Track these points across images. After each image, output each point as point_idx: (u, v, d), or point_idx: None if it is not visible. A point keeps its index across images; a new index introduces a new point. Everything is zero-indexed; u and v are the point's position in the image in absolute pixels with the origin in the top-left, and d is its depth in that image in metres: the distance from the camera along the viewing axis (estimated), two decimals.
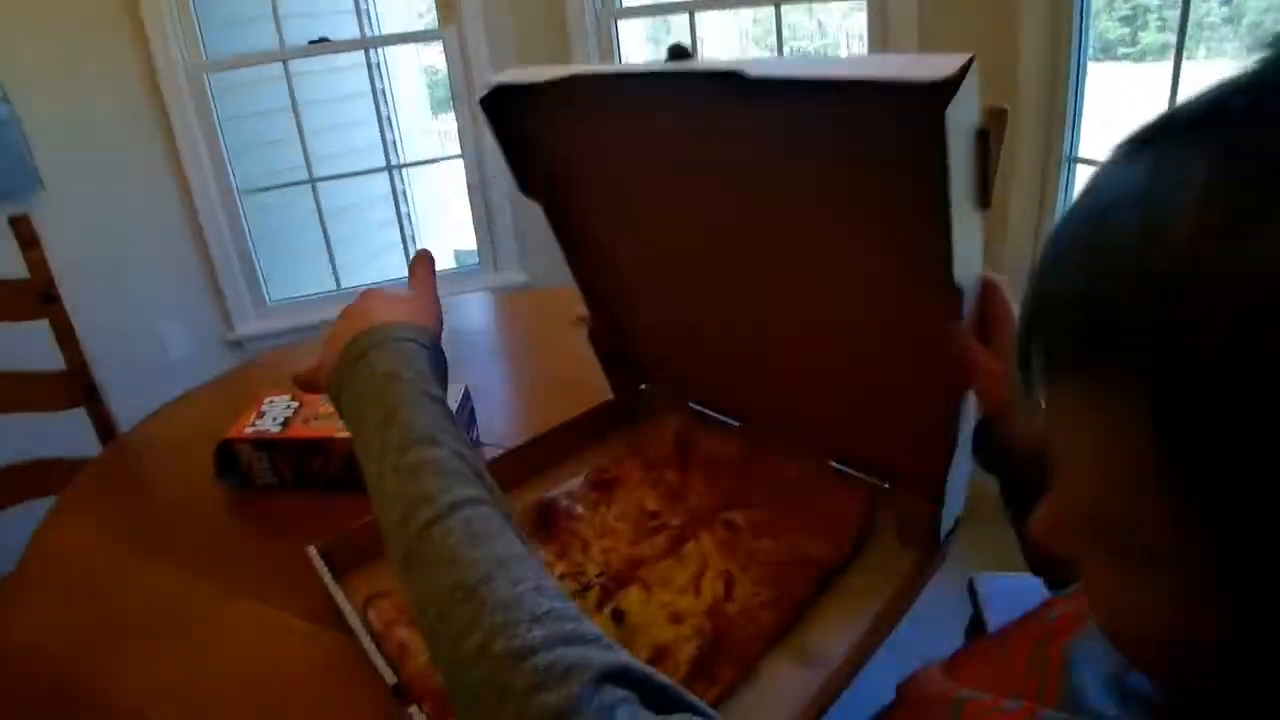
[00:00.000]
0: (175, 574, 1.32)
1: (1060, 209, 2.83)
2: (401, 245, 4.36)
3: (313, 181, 3.87)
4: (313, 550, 1.20)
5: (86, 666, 1.15)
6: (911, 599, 1.12)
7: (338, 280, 4.07)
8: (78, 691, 1.11)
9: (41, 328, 1.92)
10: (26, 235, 1.88)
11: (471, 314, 2.53)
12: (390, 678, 0.98)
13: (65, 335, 1.95)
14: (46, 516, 1.51)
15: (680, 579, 1.16)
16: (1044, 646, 0.67)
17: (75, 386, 1.96)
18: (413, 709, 0.94)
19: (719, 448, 1.42)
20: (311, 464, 1.46)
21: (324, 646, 1.15)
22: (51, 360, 1.95)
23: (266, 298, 3.84)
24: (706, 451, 1.41)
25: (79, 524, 1.49)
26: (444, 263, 4.13)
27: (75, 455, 1.87)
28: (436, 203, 6.17)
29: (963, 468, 1.10)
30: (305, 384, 0.93)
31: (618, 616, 1.10)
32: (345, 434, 0.87)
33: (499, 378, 2.03)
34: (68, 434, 1.96)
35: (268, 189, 3.93)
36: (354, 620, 1.08)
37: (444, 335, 0.94)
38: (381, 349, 0.81)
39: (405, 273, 1.03)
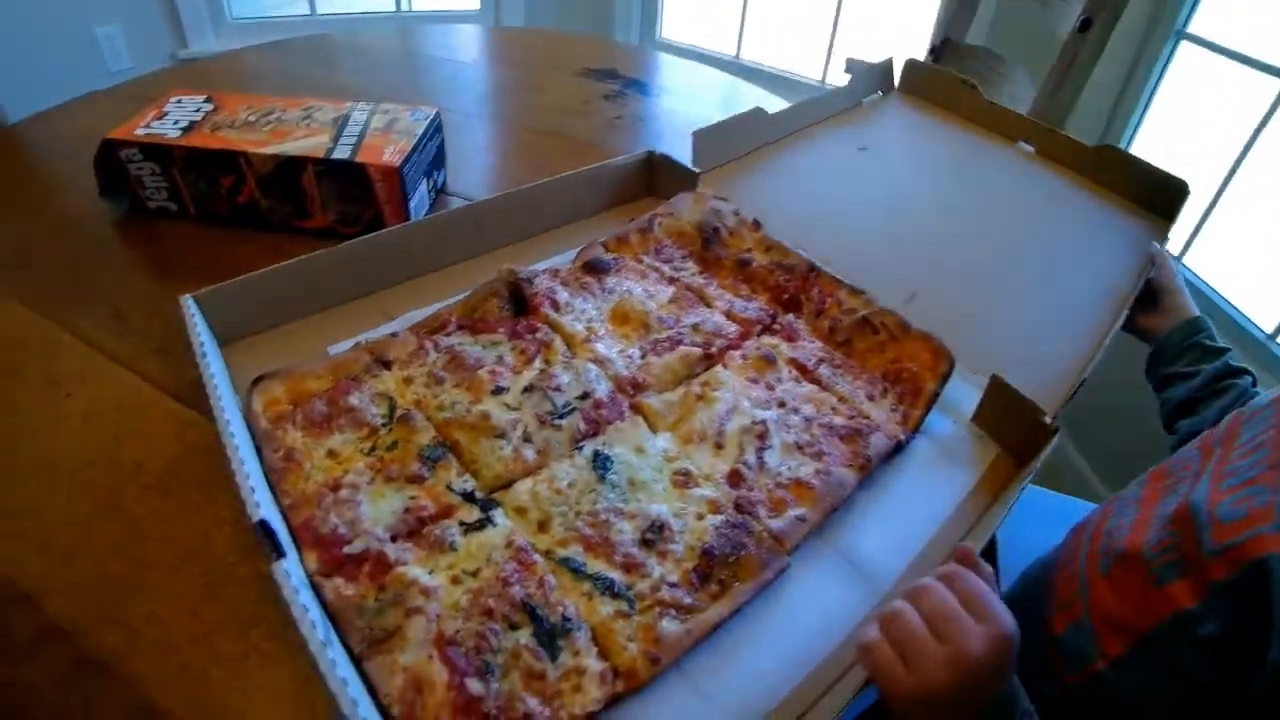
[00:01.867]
0: (24, 310, 0.98)
1: (1154, 86, 2.60)
2: None
3: None
4: (189, 301, 0.83)
5: None
6: (991, 520, 0.79)
7: (313, 3, 3.47)
8: None
9: None
10: None
11: (461, 44, 2.05)
12: (254, 510, 0.63)
13: None
14: None
15: (694, 421, 0.82)
16: None
17: None
18: (280, 564, 0.60)
19: (763, 250, 1.05)
20: (219, 185, 1.06)
21: (189, 440, 0.82)
22: None
23: (228, 12, 3.29)
24: (743, 249, 1.04)
25: None
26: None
27: None
28: None
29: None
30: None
31: (602, 463, 0.76)
32: (268, 149, 0.49)
33: (482, 119, 1.61)
34: None
35: None
36: (225, 408, 0.72)
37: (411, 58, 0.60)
38: None
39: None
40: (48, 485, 0.78)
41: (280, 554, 0.61)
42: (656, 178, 1.19)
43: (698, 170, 1.15)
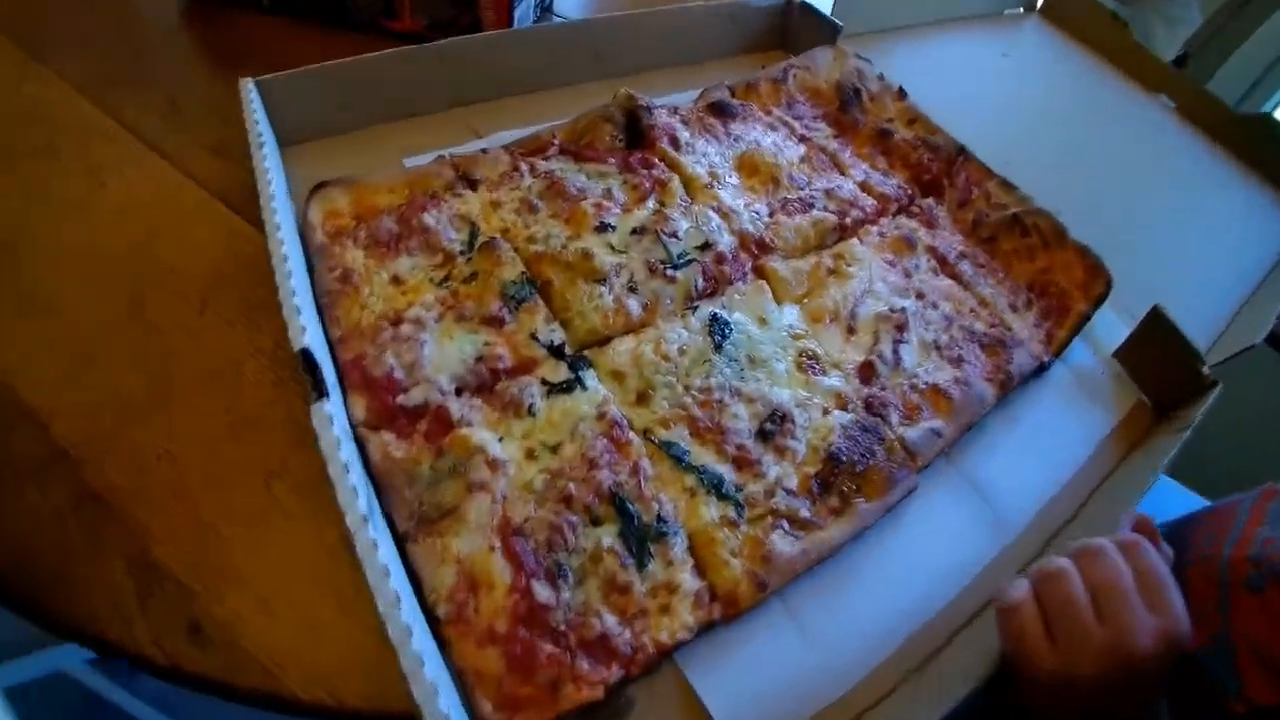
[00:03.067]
0: (71, 92, 0.82)
1: None
2: None
3: None
4: (249, 87, 0.68)
5: None
6: (1137, 477, 0.64)
7: None
8: None
9: None
10: None
11: None
12: (297, 337, 0.49)
13: None
14: None
15: (825, 296, 0.67)
16: None
17: None
18: (320, 405, 0.47)
19: (906, 123, 0.88)
20: None
21: (234, 250, 0.68)
22: None
23: None
24: (884, 118, 0.87)
25: None
26: None
27: None
28: None
29: None
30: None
31: (720, 329, 0.61)
32: None
33: None
34: None
35: None
36: (278, 212, 0.58)
37: None
38: None
39: None
40: (67, 278, 0.64)
41: (323, 393, 0.48)
42: (792, 29, 1.02)
43: (839, 25, 0.97)
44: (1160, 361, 0.72)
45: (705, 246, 0.65)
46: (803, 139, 0.81)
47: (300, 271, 0.56)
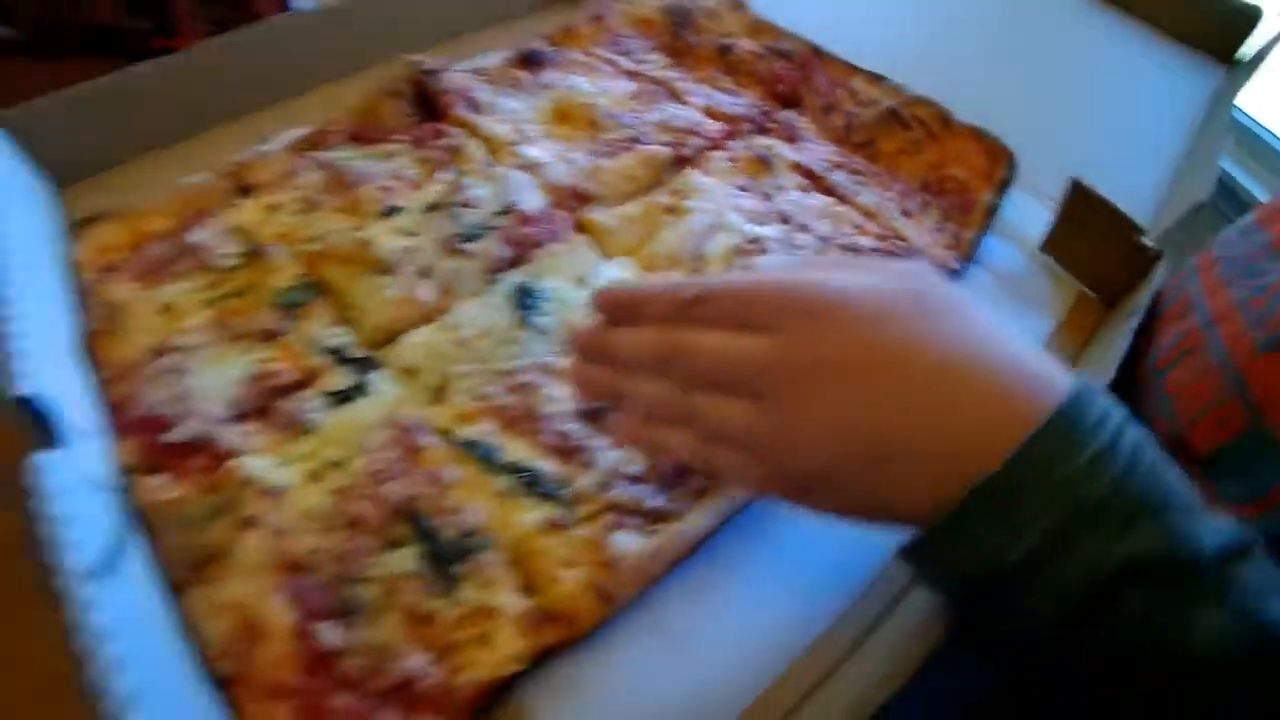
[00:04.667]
0: None
1: None
2: None
3: None
4: None
5: None
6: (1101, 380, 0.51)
7: None
8: None
9: None
10: None
11: None
12: (8, 384, 0.41)
13: None
14: None
15: (660, 240, 0.58)
16: None
17: None
18: (38, 457, 0.38)
19: (749, 34, 0.77)
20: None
21: None
22: None
23: None
24: (723, 33, 0.78)
25: None
26: None
27: None
28: None
29: None
30: None
31: (526, 300, 0.52)
32: None
33: None
34: None
35: None
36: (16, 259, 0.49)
37: None
38: None
39: None
40: None
41: (52, 442, 0.39)
42: None
43: None
44: (1094, 243, 0.62)
45: (506, 211, 0.55)
46: (631, 74, 0.71)
47: (43, 316, 0.48)
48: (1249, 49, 0.96)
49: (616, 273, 0.55)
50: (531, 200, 0.57)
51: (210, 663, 0.38)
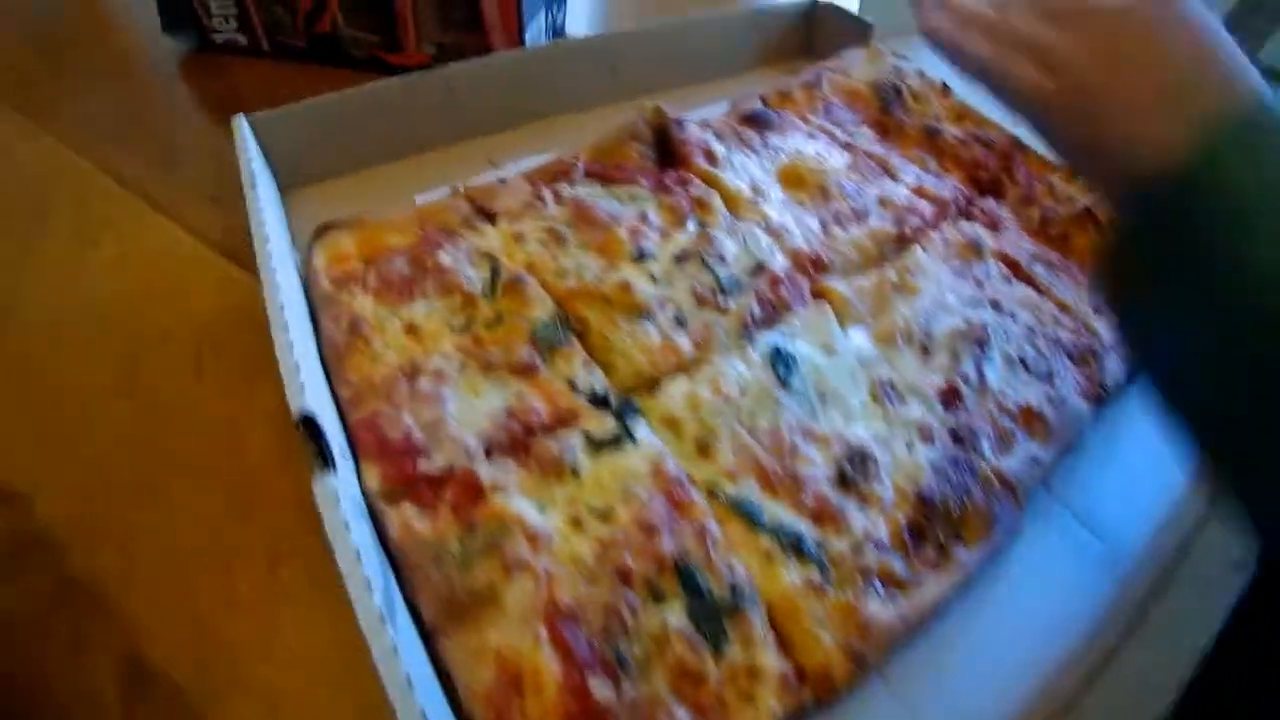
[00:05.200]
0: (63, 149, 0.75)
1: None
2: None
3: None
4: (242, 123, 0.60)
5: None
6: None
7: None
8: None
9: None
10: None
11: None
12: (295, 401, 0.40)
13: None
14: None
15: (893, 314, 0.57)
16: None
17: None
18: (325, 479, 0.37)
19: (954, 119, 0.78)
20: (295, 9, 0.82)
21: (234, 304, 0.60)
22: None
23: None
24: (929, 116, 0.78)
25: None
26: None
27: None
28: None
29: None
30: None
31: (784, 363, 0.51)
32: None
33: None
34: None
35: None
36: (274, 258, 0.49)
37: None
38: None
39: None
40: (57, 346, 0.57)
41: (328, 464, 0.38)
42: (819, 34, 0.92)
43: (870, 23, 0.88)
44: None
45: (758, 269, 0.55)
46: (846, 145, 0.71)
47: (301, 324, 0.48)
48: None
49: (859, 343, 0.54)
50: (777, 261, 0.57)
51: (469, 710, 0.37)
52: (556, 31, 0.91)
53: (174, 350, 0.56)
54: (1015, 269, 0.64)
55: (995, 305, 0.59)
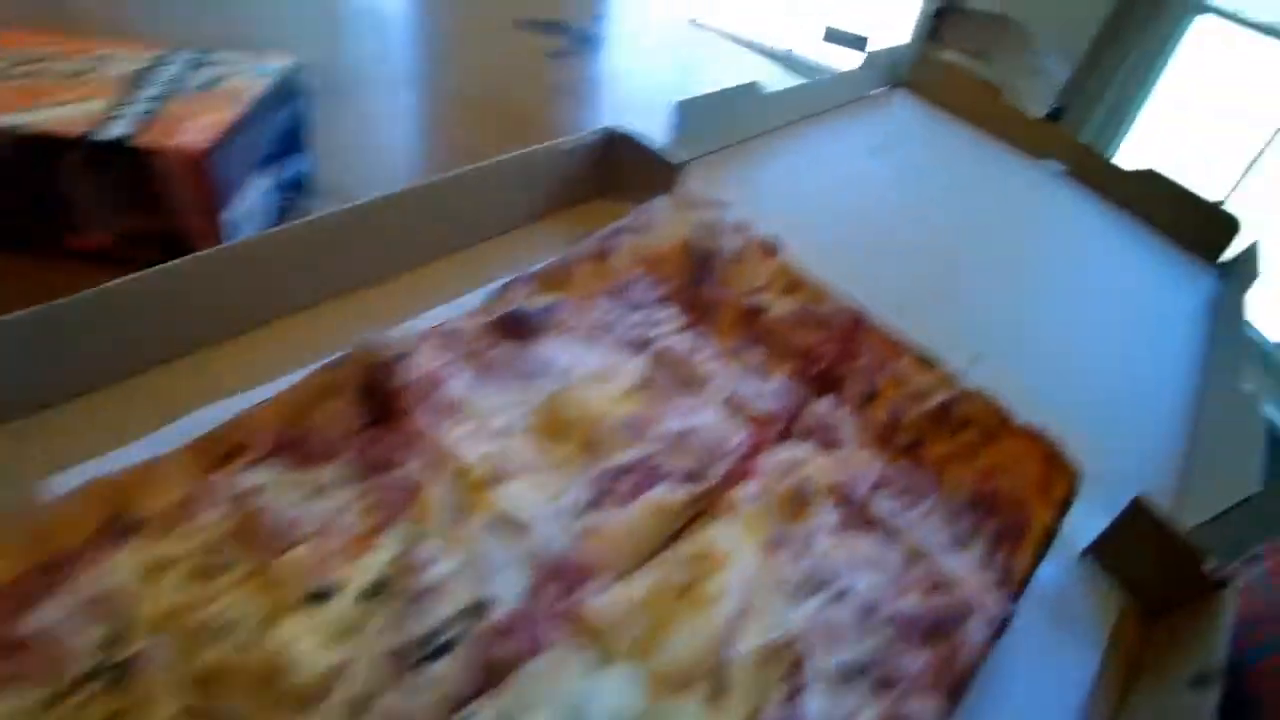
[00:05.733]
0: None
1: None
2: None
3: None
4: None
5: None
6: None
7: None
8: None
9: None
10: None
11: None
12: None
13: None
14: None
15: (674, 642, 0.42)
16: None
17: None
18: None
19: (781, 290, 0.65)
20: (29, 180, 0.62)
21: None
22: None
23: None
24: (752, 288, 0.65)
25: None
26: None
27: None
28: None
29: None
30: None
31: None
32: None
33: (375, 82, 1.03)
34: None
35: None
36: None
37: None
38: None
39: None
40: None
41: None
42: (617, 169, 0.78)
43: (674, 162, 0.75)
44: (1142, 555, 0.56)
45: (476, 608, 0.40)
46: (640, 345, 0.57)
47: None
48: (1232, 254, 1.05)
49: (619, 697, 0.39)
50: (510, 586, 0.41)
51: None
52: (297, 187, 0.75)
53: None
54: (854, 509, 0.51)
55: (821, 585, 0.46)
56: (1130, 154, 2.43)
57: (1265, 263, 1.00)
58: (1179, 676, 0.48)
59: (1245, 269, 1.00)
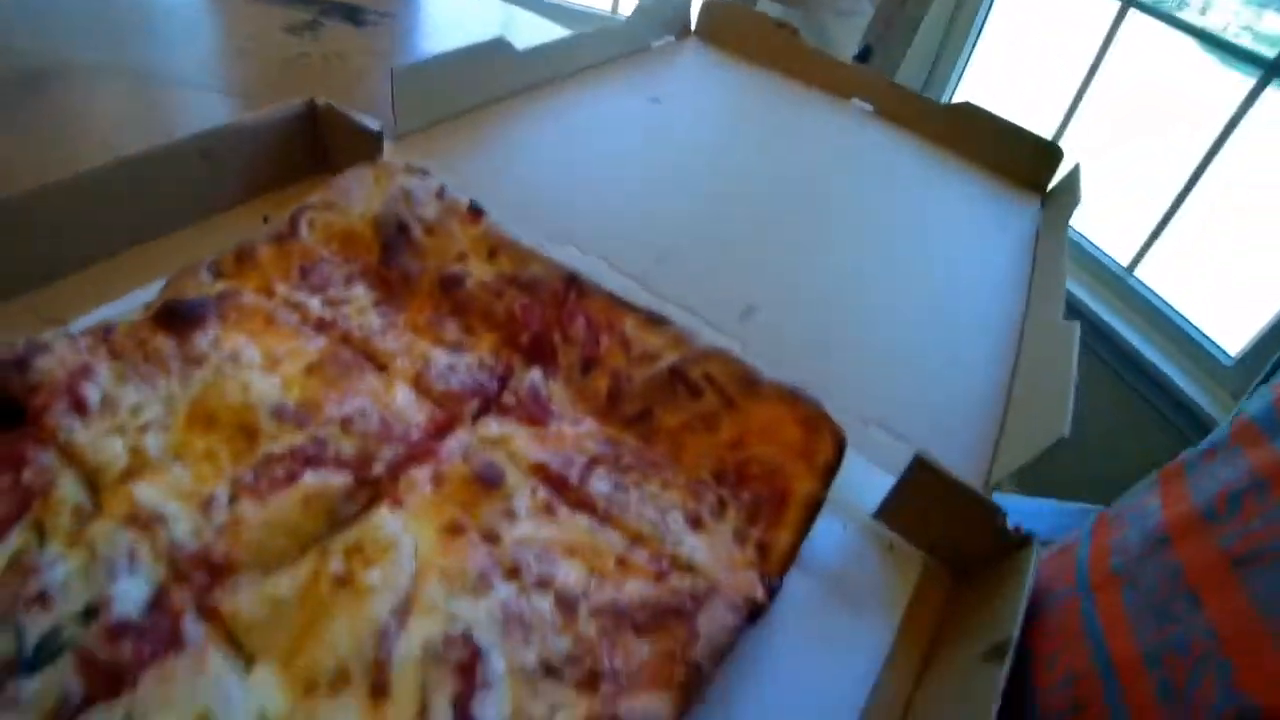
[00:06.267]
0: None
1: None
2: None
3: None
4: None
5: None
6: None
7: None
8: None
9: None
10: None
11: None
12: None
13: None
14: None
15: (326, 641, 0.41)
16: None
17: None
18: None
19: (484, 257, 0.64)
20: None
21: None
22: None
23: None
24: (450, 258, 0.64)
25: None
26: None
27: None
28: None
29: None
30: None
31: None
32: None
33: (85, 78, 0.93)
34: None
35: None
36: None
37: None
38: None
39: None
40: None
41: None
42: (330, 145, 0.75)
43: (378, 130, 0.73)
44: (940, 511, 0.54)
45: (89, 613, 0.38)
46: (323, 324, 0.56)
47: None
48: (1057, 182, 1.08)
49: (262, 701, 0.39)
50: (135, 588, 0.40)
51: None
52: None
53: None
54: (562, 488, 0.50)
55: (512, 573, 0.44)
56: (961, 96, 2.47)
57: (1086, 188, 1.01)
58: (974, 647, 0.47)
59: (1065, 196, 1.02)
